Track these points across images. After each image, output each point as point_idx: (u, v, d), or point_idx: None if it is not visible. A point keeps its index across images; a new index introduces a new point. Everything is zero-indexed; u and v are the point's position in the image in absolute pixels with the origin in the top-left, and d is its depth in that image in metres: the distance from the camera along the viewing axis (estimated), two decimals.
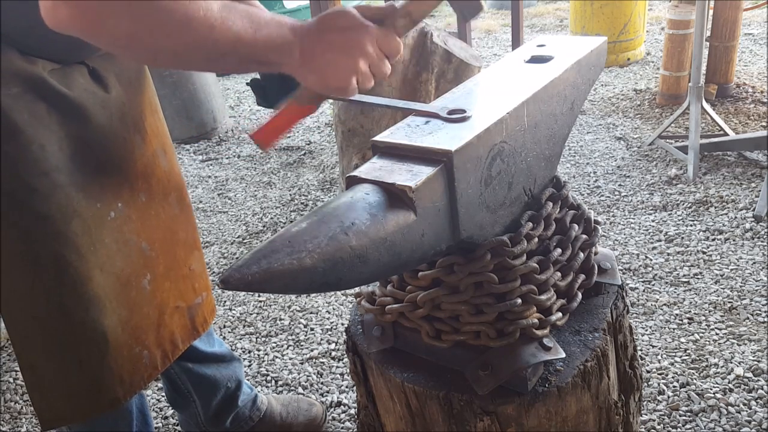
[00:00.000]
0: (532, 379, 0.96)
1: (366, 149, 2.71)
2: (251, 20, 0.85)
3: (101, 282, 1.12)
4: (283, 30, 0.88)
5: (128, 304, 1.18)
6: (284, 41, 0.88)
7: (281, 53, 0.88)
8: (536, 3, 7.00)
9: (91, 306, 1.12)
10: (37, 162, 1.02)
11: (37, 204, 1.04)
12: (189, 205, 1.36)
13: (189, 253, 1.34)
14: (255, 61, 0.88)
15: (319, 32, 0.90)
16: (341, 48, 0.90)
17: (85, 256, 1.10)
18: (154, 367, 1.25)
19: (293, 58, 0.89)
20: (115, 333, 1.16)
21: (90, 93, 1.09)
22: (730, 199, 2.81)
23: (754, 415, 1.76)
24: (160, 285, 1.25)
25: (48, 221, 1.05)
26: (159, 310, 1.25)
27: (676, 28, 3.70)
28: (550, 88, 1.02)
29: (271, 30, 0.86)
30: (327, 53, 0.90)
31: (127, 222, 1.16)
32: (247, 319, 2.44)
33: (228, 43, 0.83)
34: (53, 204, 1.05)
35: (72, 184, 1.07)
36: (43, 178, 1.03)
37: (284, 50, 0.88)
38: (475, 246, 0.94)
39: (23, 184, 1.02)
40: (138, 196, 1.19)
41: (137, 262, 1.19)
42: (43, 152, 1.03)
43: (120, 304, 1.16)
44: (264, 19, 0.87)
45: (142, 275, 1.20)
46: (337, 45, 0.90)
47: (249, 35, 0.84)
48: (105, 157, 1.12)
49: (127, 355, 1.19)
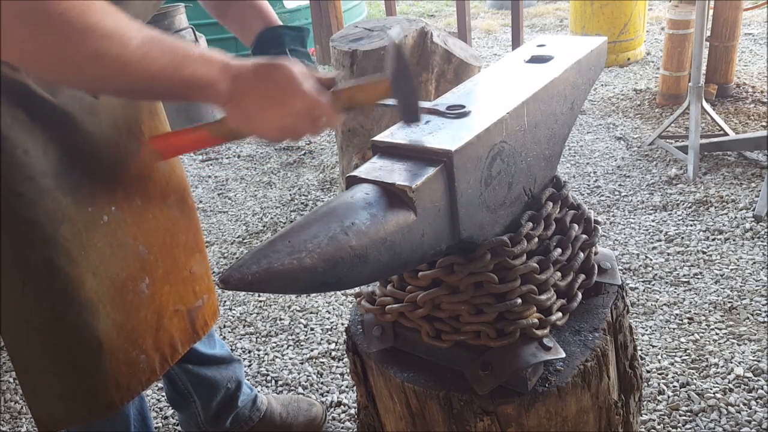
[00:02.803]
0: (532, 379, 0.96)
1: (366, 149, 2.71)
2: (174, 57, 0.85)
3: (94, 286, 1.11)
4: (210, 69, 0.89)
5: (124, 307, 1.16)
6: (209, 81, 0.89)
7: (203, 92, 0.89)
8: (536, 3, 7.00)
9: (84, 310, 1.11)
10: (22, 167, 1.01)
11: (24, 209, 1.03)
12: (191, 207, 1.34)
13: (190, 256, 1.32)
14: (174, 96, 0.89)
15: (255, 78, 0.92)
16: (272, 101, 0.92)
17: (76, 260, 1.08)
18: (153, 371, 1.24)
19: (218, 97, 0.91)
20: (110, 337, 1.14)
21: (77, 99, 1.07)
22: (730, 199, 2.81)
23: (754, 415, 1.76)
24: (159, 288, 1.23)
25: (36, 226, 1.04)
26: (158, 314, 1.24)
27: (676, 28, 3.70)
28: (550, 88, 1.02)
29: (196, 68, 0.87)
30: (257, 101, 0.92)
31: (122, 226, 1.15)
32: (247, 319, 2.44)
33: (143, 80, 0.83)
34: (40, 209, 1.04)
35: (59, 189, 1.05)
36: (29, 183, 1.02)
37: (207, 90, 0.89)
38: (475, 246, 0.94)
39: (9, 189, 1.01)
40: (133, 200, 1.17)
41: (134, 266, 1.18)
42: (28, 157, 1.01)
43: (115, 308, 1.15)
44: (191, 56, 0.87)
45: (140, 279, 1.19)
46: (268, 97, 0.92)
47: (167, 74, 0.85)
48: (95, 163, 1.10)
49: (123, 359, 1.18)
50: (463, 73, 2.64)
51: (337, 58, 2.65)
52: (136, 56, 0.81)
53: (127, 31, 0.81)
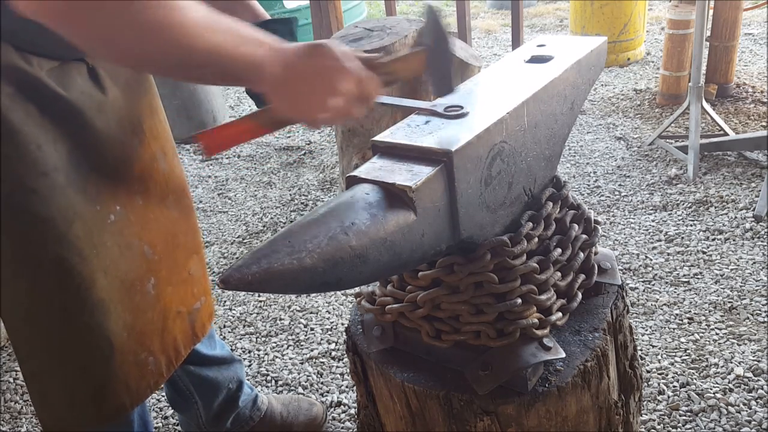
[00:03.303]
0: (532, 379, 0.96)
1: (366, 149, 2.71)
2: (233, 35, 0.84)
3: (105, 285, 1.10)
4: (262, 51, 0.88)
5: (133, 308, 1.15)
6: (261, 62, 0.88)
7: (253, 74, 0.89)
8: (536, 3, 7.00)
9: (96, 310, 1.09)
10: (35, 162, 1.00)
11: (38, 206, 1.01)
12: (189, 208, 1.33)
13: (188, 257, 1.31)
14: (230, 75, 0.88)
15: (300, 62, 0.91)
16: (315, 84, 0.91)
17: (88, 259, 1.07)
18: (160, 374, 1.23)
19: (266, 81, 0.90)
20: (121, 338, 1.13)
21: (87, 96, 1.06)
22: (730, 199, 2.81)
23: (754, 415, 1.76)
24: (163, 289, 1.22)
25: (49, 224, 1.02)
26: (163, 315, 1.23)
27: (676, 28, 3.70)
28: (550, 88, 1.02)
29: (250, 48, 0.87)
30: (300, 85, 0.90)
31: (127, 225, 1.14)
32: (247, 319, 2.44)
33: (204, 54, 0.82)
34: (54, 206, 1.02)
35: (71, 185, 1.04)
36: (43, 179, 1.01)
37: (257, 72, 0.88)
38: (475, 246, 0.94)
39: (22, 185, 1.00)
40: (135, 200, 1.16)
41: (141, 266, 1.17)
42: (41, 152, 1.00)
43: (125, 308, 1.14)
44: (247, 35, 0.87)
45: (147, 279, 1.18)
46: (311, 79, 0.91)
47: (228, 49, 0.84)
48: (101, 160, 1.09)
49: (134, 361, 1.16)
50: (463, 73, 2.64)
51: None
52: (201, 27, 0.81)
53: (194, 11, 0.80)
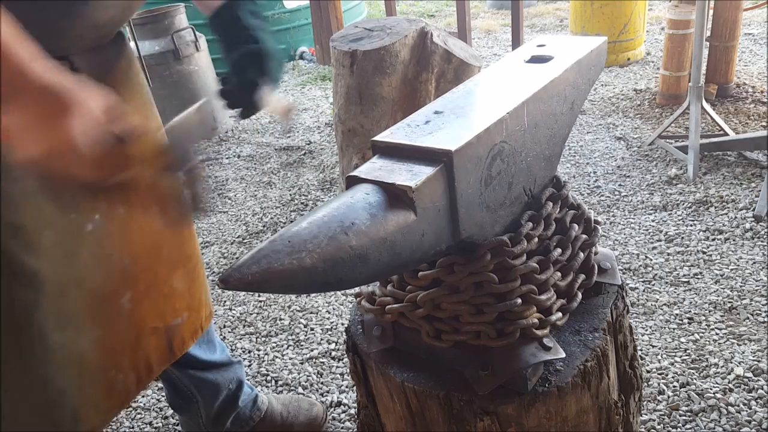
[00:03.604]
0: (532, 379, 0.96)
1: (366, 149, 2.71)
2: None
3: (78, 298, 1.05)
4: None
5: (105, 323, 1.10)
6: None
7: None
8: (536, 3, 7.00)
9: (69, 325, 1.05)
10: (7, 167, 0.95)
11: (9, 213, 0.97)
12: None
13: (172, 271, 1.25)
14: None
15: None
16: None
17: (60, 270, 1.03)
18: (128, 392, 1.18)
19: None
20: (91, 354, 1.08)
21: None
22: (730, 199, 2.81)
23: (754, 415, 1.76)
24: (139, 304, 1.17)
25: (20, 231, 0.98)
26: (137, 331, 1.17)
27: (676, 28, 3.70)
28: (550, 88, 1.02)
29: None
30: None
31: (107, 236, 1.09)
32: (247, 319, 2.44)
33: None
34: (26, 213, 0.99)
35: (43, 192, 1.00)
36: (15, 185, 0.97)
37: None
38: (475, 246, 0.94)
39: None
40: (116, 209, 1.11)
41: (118, 279, 1.12)
42: None
43: (96, 323, 1.09)
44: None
45: (122, 293, 1.13)
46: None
47: None
48: None
49: (104, 379, 1.11)
50: (463, 73, 2.64)
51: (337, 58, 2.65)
52: None
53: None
